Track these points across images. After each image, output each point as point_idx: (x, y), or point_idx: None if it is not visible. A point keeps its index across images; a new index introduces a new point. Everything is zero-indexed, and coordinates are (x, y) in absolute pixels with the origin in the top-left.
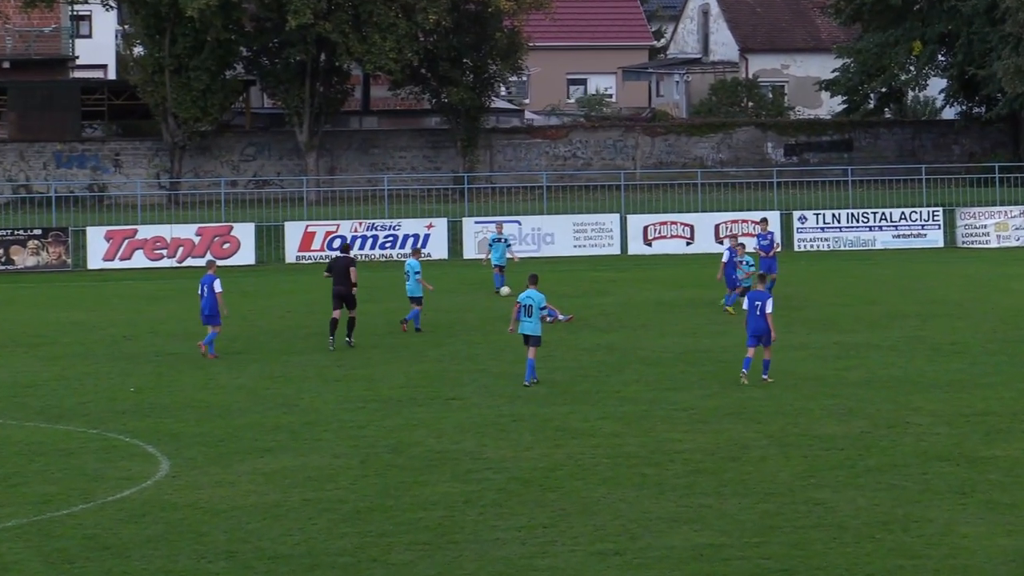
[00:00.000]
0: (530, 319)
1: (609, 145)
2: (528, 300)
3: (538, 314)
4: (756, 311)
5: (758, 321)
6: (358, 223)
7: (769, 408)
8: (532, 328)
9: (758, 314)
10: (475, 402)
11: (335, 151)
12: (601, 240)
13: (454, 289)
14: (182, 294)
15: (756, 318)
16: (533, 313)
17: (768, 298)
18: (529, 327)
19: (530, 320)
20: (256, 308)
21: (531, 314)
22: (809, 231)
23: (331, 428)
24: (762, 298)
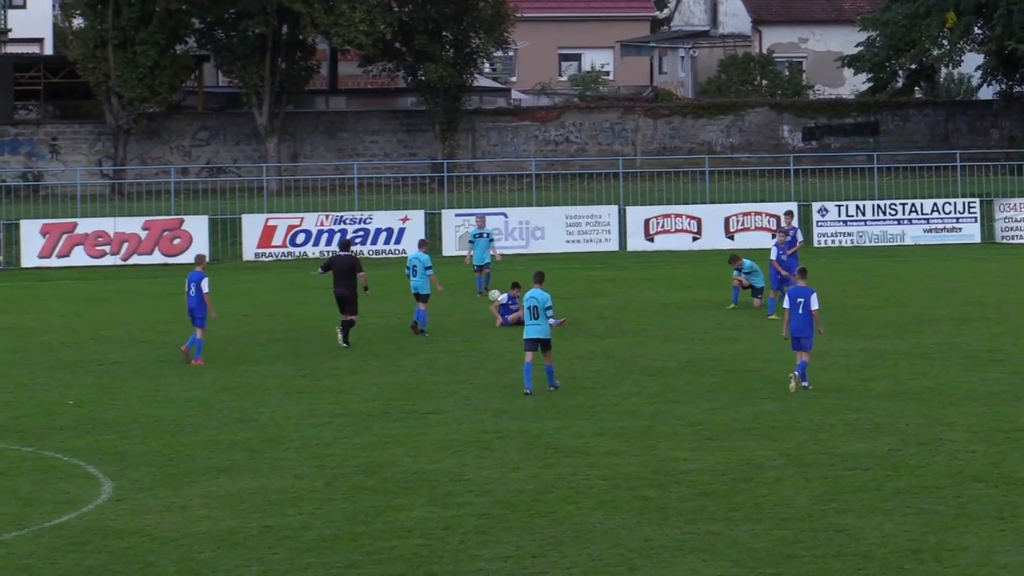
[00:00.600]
0: (536, 322)
1: (606, 129)
2: (532, 301)
3: (545, 315)
4: (798, 309)
5: (799, 321)
6: (324, 216)
7: (785, 423)
8: (539, 331)
9: (800, 312)
10: (455, 417)
11: (299, 135)
12: (597, 235)
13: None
14: (127, 295)
15: (798, 317)
16: (539, 315)
17: (812, 294)
18: (536, 330)
19: (536, 323)
20: None
21: (537, 316)
22: (830, 225)
23: (294, 446)
24: (805, 295)
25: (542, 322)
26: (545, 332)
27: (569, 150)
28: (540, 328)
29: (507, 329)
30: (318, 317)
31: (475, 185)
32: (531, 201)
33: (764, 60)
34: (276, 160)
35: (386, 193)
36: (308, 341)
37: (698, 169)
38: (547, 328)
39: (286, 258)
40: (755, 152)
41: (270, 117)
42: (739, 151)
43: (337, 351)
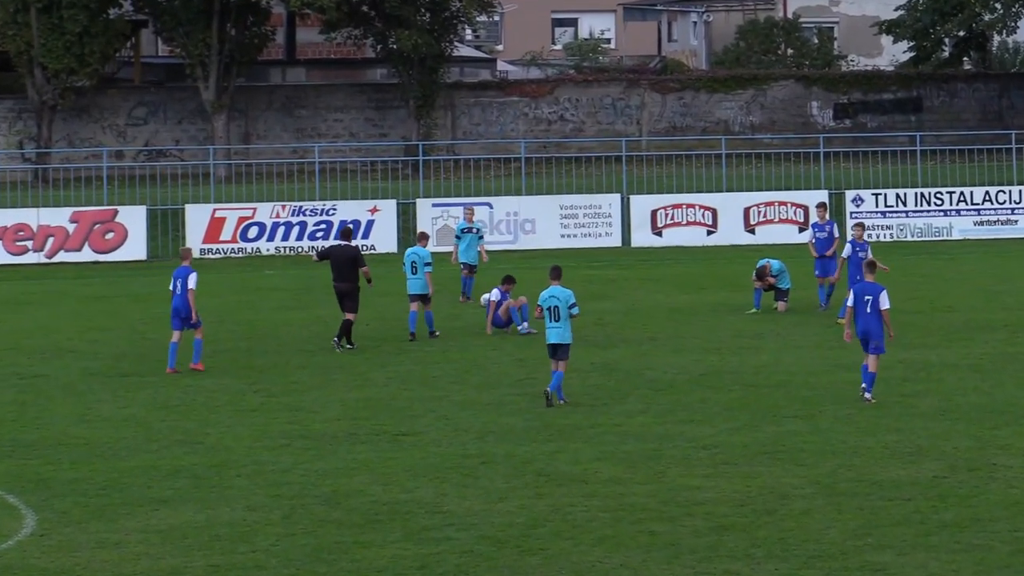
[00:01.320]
0: (557, 324)
1: (607, 105)
2: (552, 300)
3: (567, 316)
4: (866, 307)
5: (868, 320)
6: (280, 206)
7: (815, 446)
8: (560, 335)
9: (868, 311)
10: (433, 439)
11: (251, 113)
12: (596, 228)
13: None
14: (52, 298)
15: (866, 316)
16: (561, 316)
17: (881, 291)
18: (556, 334)
19: (557, 325)
20: (149, 316)
21: (558, 317)
22: (866, 217)
23: (246, 472)
24: (873, 291)
25: (564, 324)
26: (565, 336)
27: (564, 130)
28: (562, 331)
29: (494, 337)
30: (273, 323)
31: (455, 171)
32: (520, 189)
33: (789, 26)
34: (225, 142)
35: (352, 180)
36: (262, 351)
37: (713, 152)
38: (568, 331)
39: (236, 255)
40: (779, 132)
41: (218, 92)
42: (760, 131)
43: (296, 364)
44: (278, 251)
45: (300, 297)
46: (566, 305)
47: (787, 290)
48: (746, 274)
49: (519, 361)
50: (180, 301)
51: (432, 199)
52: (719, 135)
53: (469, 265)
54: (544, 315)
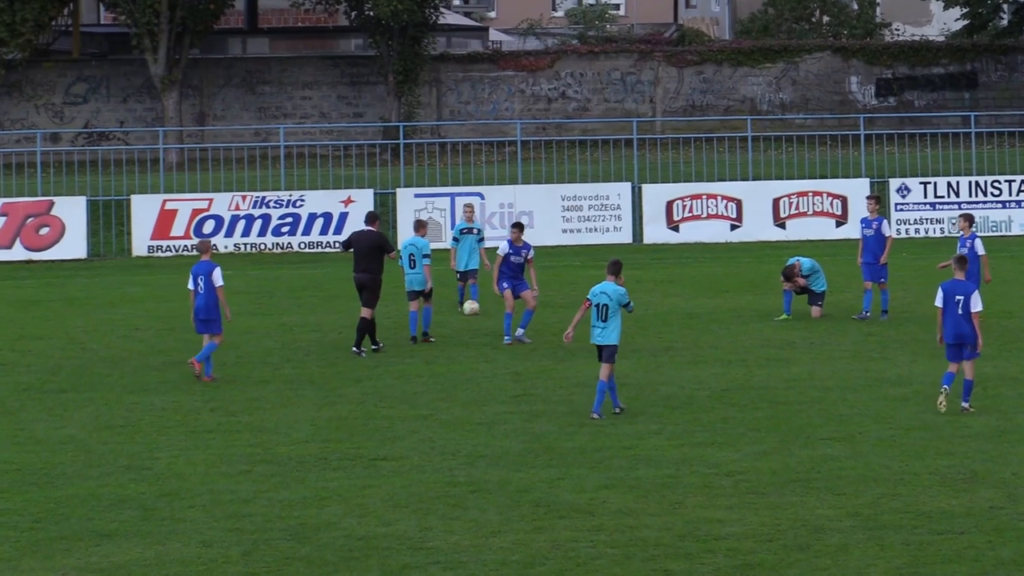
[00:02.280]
0: (604, 324)
1: (615, 80)
2: (602, 297)
3: (616, 316)
4: (957, 308)
5: (959, 323)
6: (240, 197)
7: (854, 472)
8: (607, 335)
9: (960, 312)
10: (415, 464)
11: (206, 89)
12: (603, 222)
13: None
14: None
15: (956, 319)
16: (609, 315)
17: (973, 291)
18: (602, 334)
19: (604, 325)
20: (89, 324)
21: (606, 317)
22: (913, 208)
23: (201, 502)
24: (964, 291)
25: (611, 325)
26: (612, 337)
27: (566, 109)
28: (608, 332)
29: (486, 348)
30: (232, 331)
31: (441, 156)
32: (515, 177)
33: None
34: (176, 123)
35: (323, 167)
36: (219, 364)
37: (738, 135)
38: (616, 332)
39: (189, 253)
40: (813, 112)
41: (168, 66)
42: (792, 111)
43: (259, 378)
44: (237, 248)
45: (263, 301)
46: (616, 304)
47: (822, 293)
48: (775, 275)
49: (515, 375)
50: (204, 301)
51: (414, 189)
52: (744, 115)
53: (465, 272)
54: (592, 313)
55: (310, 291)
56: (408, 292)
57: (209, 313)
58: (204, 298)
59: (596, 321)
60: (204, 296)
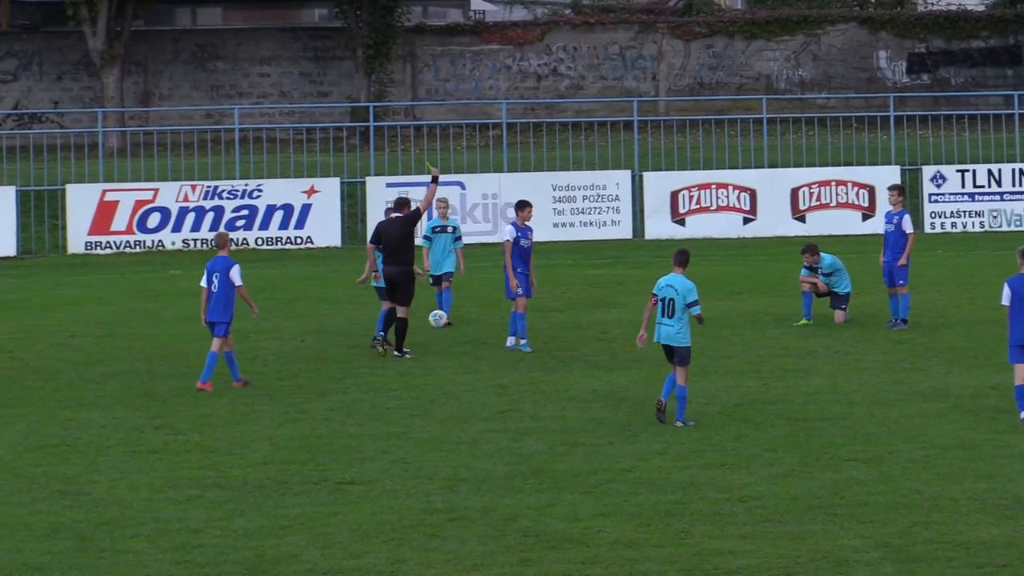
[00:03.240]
0: (671, 321)
1: (614, 55)
2: (668, 291)
3: (684, 312)
4: None
5: None
6: (189, 186)
7: (883, 497)
8: (674, 334)
9: None
10: (387, 488)
11: (151, 66)
12: (599, 215)
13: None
14: None
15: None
16: (676, 311)
17: None
18: (669, 332)
19: (671, 323)
20: (18, 331)
21: (673, 312)
22: (949, 200)
23: (145, 532)
24: None
25: (679, 322)
26: (683, 337)
27: (558, 87)
28: (676, 331)
29: (467, 358)
30: (180, 338)
31: (416, 140)
32: (500, 164)
33: None
34: (118, 103)
35: (283, 152)
36: (166, 375)
37: (752, 116)
38: (687, 331)
39: (132, 250)
40: (837, 91)
41: (108, 39)
42: (813, 90)
43: (209, 392)
44: (186, 245)
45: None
46: (684, 299)
47: (846, 295)
48: (793, 274)
49: (499, 388)
50: (215, 301)
51: (386, 177)
52: (759, 94)
53: (439, 277)
54: (657, 308)
55: (268, 293)
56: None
57: (221, 315)
58: (220, 298)
59: (662, 318)
60: (220, 296)
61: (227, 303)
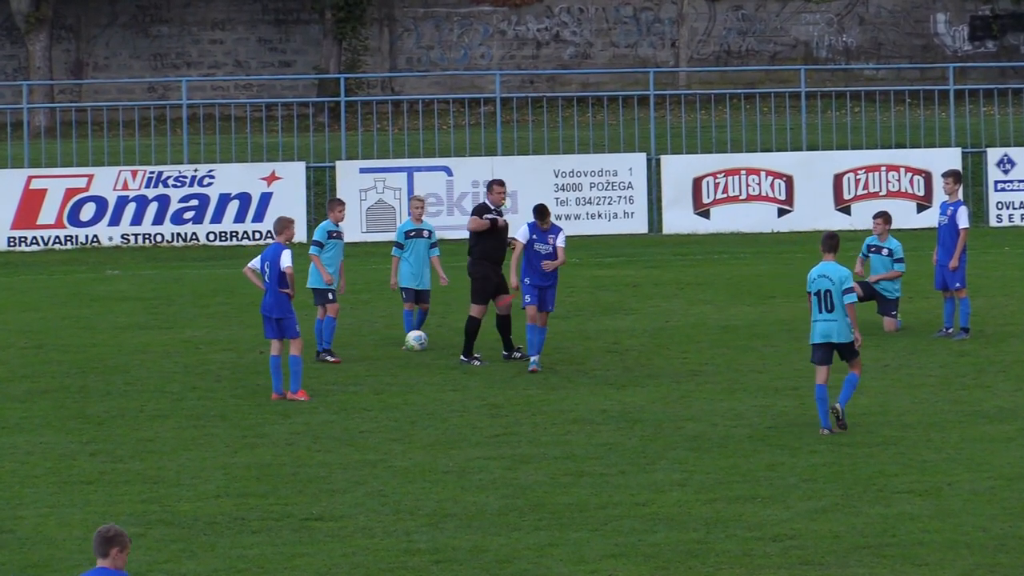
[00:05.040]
0: (831, 316)
1: (626, 18)
2: (823, 283)
3: (842, 303)
4: None
5: None
6: (129, 172)
7: (941, 535)
8: (836, 330)
9: None
10: (362, 525)
11: (84, 31)
12: (610, 205)
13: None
14: None
15: None
16: (835, 303)
17: None
18: (831, 328)
19: (830, 317)
20: None
21: (832, 305)
22: (1018, 187)
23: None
24: None
25: (839, 314)
26: (843, 333)
27: (561, 57)
28: (836, 326)
29: (456, 372)
30: (118, 350)
31: (395, 118)
32: (494, 146)
33: None
34: (45, 75)
35: (239, 132)
36: (102, 392)
37: (788, 90)
38: (846, 327)
39: (62, 246)
40: (887, 61)
41: (35, 0)
42: (859, 59)
43: (154, 411)
44: (126, 240)
45: (159, 310)
46: (841, 287)
47: (896, 300)
48: None
49: (492, 408)
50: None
51: (359, 161)
52: (796, 65)
53: (416, 292)
54: (811, 302)
55: (221, 297)
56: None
57: (281, 311)
58: (274, 293)
59: (819, 313)
60: (270, 288)
61: (283, 300)
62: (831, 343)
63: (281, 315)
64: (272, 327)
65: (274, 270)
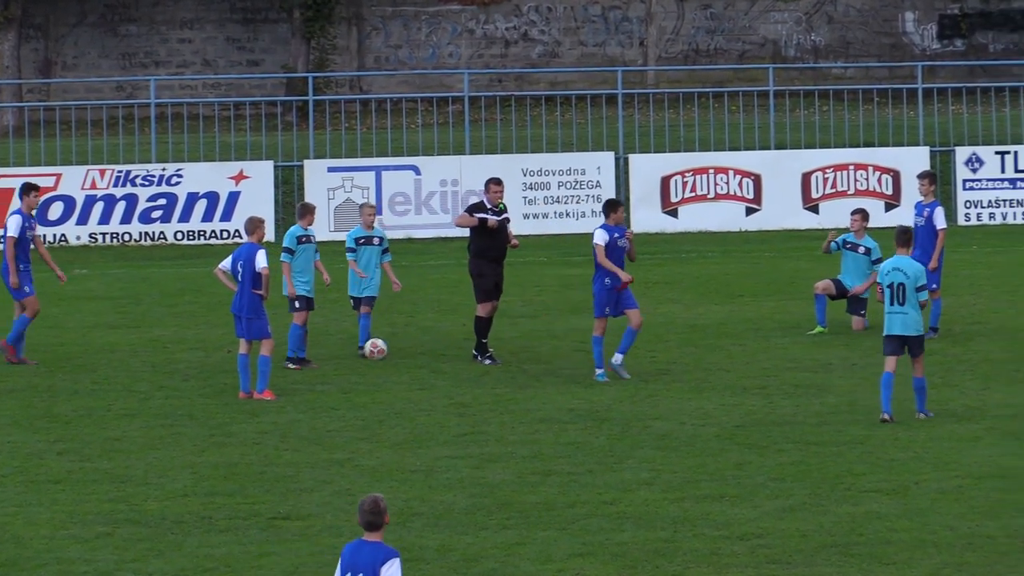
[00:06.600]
0: (902, 309)
1: (595, 17)
2: (896, 276)
3: (915, 298)
4: None
5: None
6: (98, 171)
7: (908, 534)
8: (908, 324)
9: None
10: (328, 524)
11: (53, 30)
12: (578, 204)
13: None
14: None
15: None
16: (907, 297)
17: None
18: (904, 321)
19: (902, 311)
20: None
21: (904, 299)
22: (987, 185)
23: (46, 575)
24: None
25: (911, 308)
26: (916, 326)
27: (529, 56)
28: (909, 319)
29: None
30: (86, 348)
31: (363, 117)
32: (462, 145)
33: None
34: (13, 74)
35: (207, 131)
36: (70, 393)
37: (756, 89)
38: (919, 319)
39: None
40: (855, 59)
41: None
42: (828, 57)
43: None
44: (93, 240)
45: (127, 310)
46: (915, 282)
47: (865, 300)
48: (805, 273)
49: (460, 407)
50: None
51: (327, 160)
52: (765, 64)
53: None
54: (884, 295)
55: (189, 296)
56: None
57: (251, 310)
58: (247, 293)
59: (892, 307)
60: (247, 290)
61: (254, 300)
62: (902, 336)
63: (252, 315)
64: (242, 326)
65: (248, 270)
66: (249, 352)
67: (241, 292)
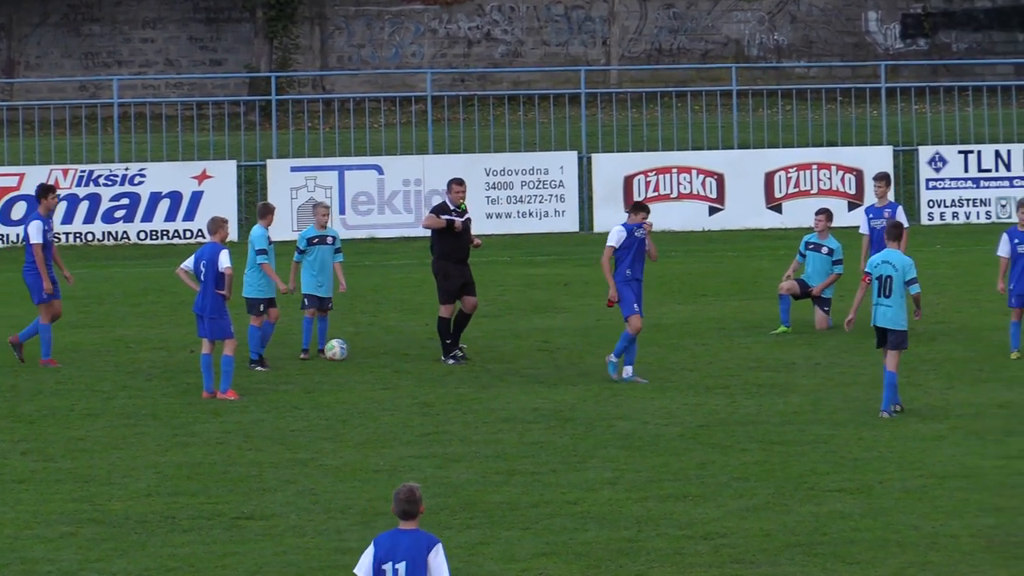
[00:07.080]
0: (887, 301)
1: (557, 16)
2: (885, 268)
3: (902, 292)
4: None
5: None
6: (61, 170)
7: (872, 533)
8: (891, 317)
9: None
10: (292, 524)
11: (15, 29)
12: (541, 204)
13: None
14: None
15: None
16: (893, 290)
17: None
18: (887, 313)
19: (887, 303)
20: None
21: (891, 291)
22: (950, 185)
23: (10, 574)
24: None
25: (896, 301)
26: (899, 320)
27: (492, 55)
28: (890, 312)
29: (387, 371)
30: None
31: (325, 116)
32: (424, 144)
33: None
34: None
35: (170, 131)
36: (33, 392)
37: (719, 88)
38: (903, 315)
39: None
40: (818, 58)
41: None
42: (791, 57)
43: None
44: (57, 239)
45: (90, 309)
46: (904, 276)
47: (829, 299)
48: (768, 272)
49: (423, 407)
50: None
51: (290, 160)
52: (728, 63)
53: (319, 299)
54: (873, 287)
55: (152, 296)
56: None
57: (213, 310)
58: (209, 294)
59: (879, 298)
60: (209, 291)
61: (216, 300)
62: (883, 328)
63: (215, 315)
64: (205, 326)
65: (211, 270)
66: (212, 352)
67: (204, 292)
